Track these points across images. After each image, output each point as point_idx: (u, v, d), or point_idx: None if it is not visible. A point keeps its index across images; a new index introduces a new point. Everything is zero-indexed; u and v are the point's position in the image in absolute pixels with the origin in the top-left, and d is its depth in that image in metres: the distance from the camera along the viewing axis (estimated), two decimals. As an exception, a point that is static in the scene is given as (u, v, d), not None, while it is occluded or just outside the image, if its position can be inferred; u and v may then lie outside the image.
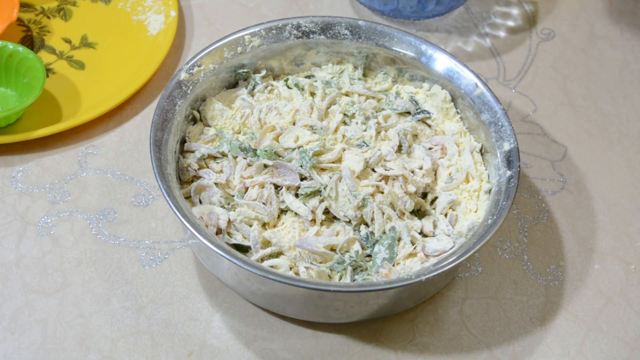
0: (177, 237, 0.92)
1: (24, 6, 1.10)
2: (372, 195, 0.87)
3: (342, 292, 0.79)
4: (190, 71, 0.92)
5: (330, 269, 0.83)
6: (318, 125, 0.90)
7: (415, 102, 0.96)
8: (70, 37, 1.08)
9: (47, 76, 1.03)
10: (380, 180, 0.88)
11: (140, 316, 0.86)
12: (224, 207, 0.86)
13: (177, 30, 1.09)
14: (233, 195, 0.88)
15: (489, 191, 0.88)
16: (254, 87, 0.96)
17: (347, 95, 0.96)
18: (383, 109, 0.94)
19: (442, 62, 0.95)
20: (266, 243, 0.85)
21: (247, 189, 0.87)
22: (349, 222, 0.86)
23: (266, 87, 0.96)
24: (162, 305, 0.87)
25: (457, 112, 0.95)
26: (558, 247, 0.94)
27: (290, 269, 0.84)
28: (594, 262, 0.93)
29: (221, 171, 0.89)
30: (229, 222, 0.85)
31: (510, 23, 1.16)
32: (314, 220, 0.85)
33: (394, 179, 0.88)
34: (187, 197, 0.87)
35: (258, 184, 0.87)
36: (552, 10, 1.18)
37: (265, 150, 0.88)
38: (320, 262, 0.83)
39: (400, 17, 1.13)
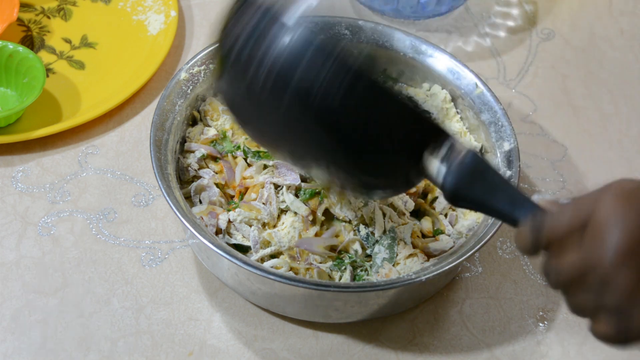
0: (177, 237, 0.92)
1: (24, 6, 1.10)
2: (372, 195, 0.87)
3: (342, 292, 0.79)
4: (190, 71, 0.92)
5: (330, 269, 0.83)
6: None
7: (415, 102, 0.96)
8: (70, 37, 1.08)
9: (47, 76, 1.03)
10: (380, 180, 0.88)
11: (140, 316, 0.86)
12: (224, 207, 0.86)
13: (177, 30, 1.08)
14: (233, 196, 0.88)
15: (489, 191, 0.88)
16: (254, 87, 0.95)
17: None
18: (383, 109, 0.94)
19: (442, 62, 0.95)
20: (266, 243, 0.85)
21: (247, 189, 0.87)
22: (349, 222, 0.86)
23: (266, 87, 0.95)
24: (162, 305, 0.87)
25: (457, 112, 0.95)
26: (558, 247, 0.94)
27: (291, 269, 0.84)
28: (594, 262, 0.93)
29: (221, 171, 0.89)
30: (229, 222, 0.85)
31: (510, 23, 1.16)
32: (314, 220, 0.85)
33: (394, 179, 0.88)
34: (187, 197, 0.87)
35: (258, 184, 0.87)
36: (552, 10, 1.18)
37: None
38: (320, 262, 0.83)
39: (400, 17, 1.13)
